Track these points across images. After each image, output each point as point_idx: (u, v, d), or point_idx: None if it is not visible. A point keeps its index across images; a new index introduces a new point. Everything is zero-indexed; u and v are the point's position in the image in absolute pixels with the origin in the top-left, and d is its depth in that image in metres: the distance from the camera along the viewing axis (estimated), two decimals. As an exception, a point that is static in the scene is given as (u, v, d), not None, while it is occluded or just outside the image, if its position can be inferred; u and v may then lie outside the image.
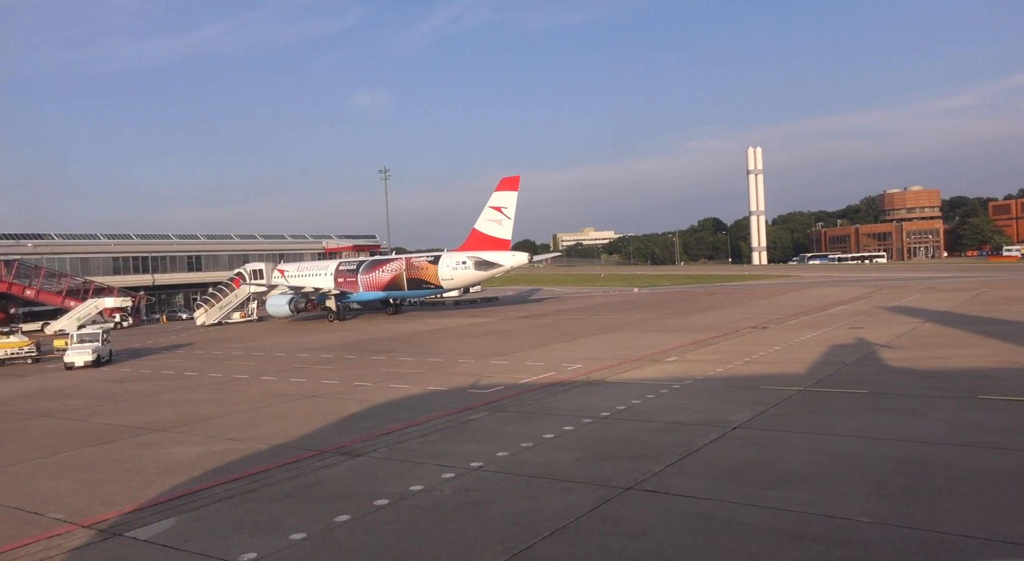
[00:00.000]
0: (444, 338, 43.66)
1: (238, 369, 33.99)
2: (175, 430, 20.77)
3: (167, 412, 23.85)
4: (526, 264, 62.29)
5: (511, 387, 24.45)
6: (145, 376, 33.73)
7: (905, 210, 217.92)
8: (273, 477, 15.14)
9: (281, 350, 41.69)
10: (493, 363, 30.91)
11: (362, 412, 21.85)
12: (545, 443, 16.39)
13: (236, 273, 74.10)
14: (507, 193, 58.11)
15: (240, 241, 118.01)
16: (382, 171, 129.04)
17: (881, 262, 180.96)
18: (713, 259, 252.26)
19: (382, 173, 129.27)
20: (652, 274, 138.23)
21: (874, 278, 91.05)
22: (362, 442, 17.77)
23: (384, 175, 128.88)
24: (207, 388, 28.82)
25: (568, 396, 22.25)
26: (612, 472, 13.76)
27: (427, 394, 24.35)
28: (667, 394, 21.40)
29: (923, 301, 50.59)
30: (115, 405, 25.96)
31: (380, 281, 63.90)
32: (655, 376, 25.08)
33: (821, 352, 28.38)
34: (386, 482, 14.18)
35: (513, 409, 20.70)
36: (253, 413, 22.80)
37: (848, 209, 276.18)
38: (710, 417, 17.91)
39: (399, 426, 19.29)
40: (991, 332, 31.65)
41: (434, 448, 16.71)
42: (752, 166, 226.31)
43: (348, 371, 31.14)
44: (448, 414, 20.49)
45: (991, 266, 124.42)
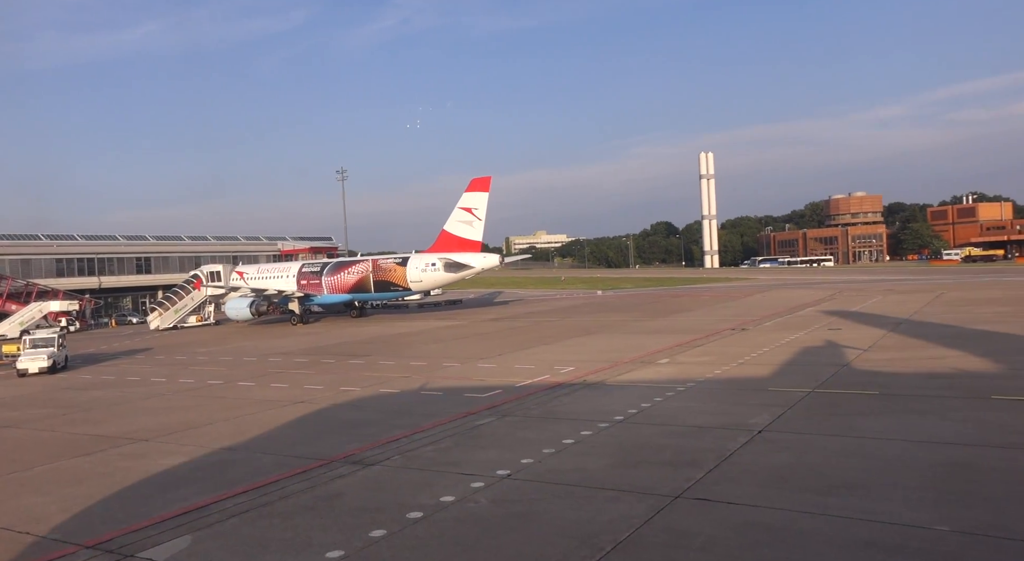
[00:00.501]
0: (420, 341, 42.68)
1: (209, 375, 32.47)
2: (159, 440, 19.48)
3: (146, 420, 22.45)
4: (498, 266, 61.63)
5: (509, 390, 23.76)
6: (109, 383, 31.95)
7: (850, 215, 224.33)
8: (285, 488, 14.17)
9: (250, 355, 40.13)
10: (481, 366, 30.16)
11: (359, 418, 20.88)
12: (568, 449, 15.75)
13: (192, 275, 71.61)
14: (478, 194, 57.33)
15: (191, 242, 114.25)
16: (339, 172, 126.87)
17: (828, 265, 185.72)
18: (666, 262, 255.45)
19: (339, 174, 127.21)
20: (612, 277, 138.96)
21: (830, 281, 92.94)
22: (370, 450, 16.87)
23: (341, 176, 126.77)
24: (182, 395, 27.36)
25: (572, 399, 21.68)
26: (652, 479, 13.21)
27: (422, 398, 23.49)
28: (674, 397, 21.00)
29: (889, 303, 51.57)
30: (85, 414, 24.38)
31: (346, 283, 62.38)
32: (653, 378, 24.68)
33: (812, 353, 28.44)
34: (413, 493, 13.36)
35: (520, 413, 20.01)
36: (240, 421, 21.59)
37: (793, 214, 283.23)
38: (729, 420, 17.53)
39: (404, 432, 18.42)
40: (971, 334, 32.24)
41: (451, 455, 15.93)
42: (704, 171, 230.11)
43: (330, 375, 30.00)
44: (453, 419, 19.69)
45: (934, 269, 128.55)
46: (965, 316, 39.94)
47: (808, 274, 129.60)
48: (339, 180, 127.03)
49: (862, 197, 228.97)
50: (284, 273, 66.85)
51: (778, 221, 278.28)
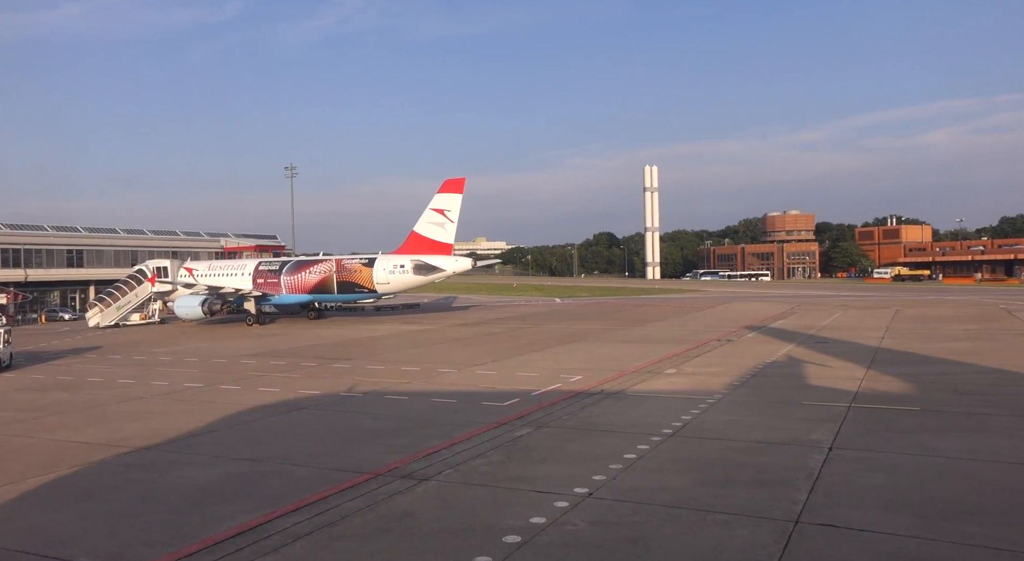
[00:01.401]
0: (398, 345, 41.02)
1: (183, 377, 30.21)
2: (162, 448, 17.60)
3: (135, 426, 20.39)
4: (470, 270, 60.32)
5: (527, 399, 22.64)
6: (70, 384, 29.33)
7: (784, 232, 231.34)
8: (342, 506, 12.70)
9: (218, 356, 37.73)
10: (481, 373, 28.90)
11: (380, 427, 19.39)
12: (636, 465, 14.73)
13: (137, 270, 67.74)
14: (451, 195, 55.94)
15: (127, 236, 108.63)
16: (288, 168, 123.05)
17: (765, 280, 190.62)
18: (608, 272, 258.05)
19: (288, 170, 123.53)
20: (563, 285, 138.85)
21: (779, 295, 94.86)
22: (413, 462, 15.50)
23: (290, 172, 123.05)
24: (162, 399, 25.18)
25: (602, 410, 20.70)
26: (752, 500, 12.31)
27: (436, 406, 22.10)
28: (710, 409, 20.24)
29: (855, 317, 52.49)
30: (60, 418, 22.06)
31: (307, 283, 59.98)
32: (672, 389, 23.98)
33: (817, 366, 28.25)
34: (493, 513, 12.13)
35: (556, 424, 18.91)
36: (245, 428, 19.82)
37: (728, 229, 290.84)
38: (787, 435, 16.86)
39: (441, 443, 17.09)
40: (961, 350, 32.78)
41: (509, 470, 14.71)
42: (648, 184, 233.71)
43: (321, 380, 28.22)
44: (486, 429, 18.44)
45: (870, 286, 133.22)
46: (937, 332, 40.79)
47: (751, 288, 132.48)
48: (288, 177, 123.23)
49: (796, 215, 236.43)
50: (239, 271, 63.92)
51: (713, 235, 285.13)
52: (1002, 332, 40.78)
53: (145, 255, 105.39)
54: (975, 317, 51.10)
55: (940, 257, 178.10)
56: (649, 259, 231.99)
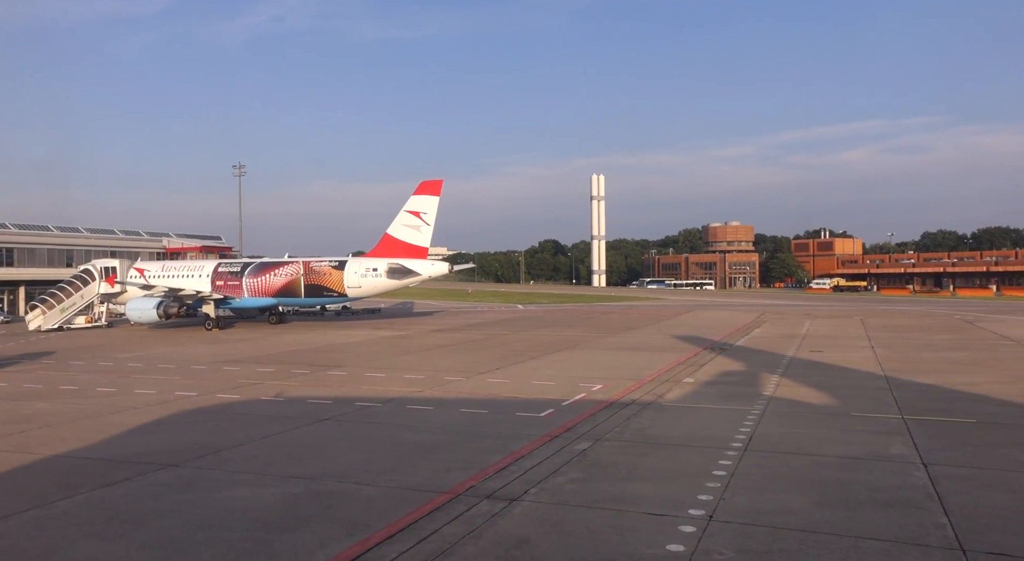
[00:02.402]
0: (385, 351, 39.31)
1: (169, 385, 27.99)
2: (191, 465, 15.84)
3: (143, 440, 18.47)
4: (447, 274, 58.78)
5: (561, 410, 21.60)
6: (42, 393, 26.80)
7: (726, 243, 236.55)
8: (441, 532, 11.42)
9: (195, 362, 35.35)
10: (491, 381, 27.67)
11: (425, 440, 18.01)
12: (734, 484, 13.76)
13: (83, 270, 63.82)
14: (427, 197, 54.36)
15: (60, 234, 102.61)
16: (236, 167, 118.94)
17: (710, 289, 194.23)
18: (554, 279, 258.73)
19: (236, 169, 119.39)
20: (519, 292, 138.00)
21: (736, 304, 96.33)
22: (487, 480, 14.26)
23: (239, 171, 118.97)
24: (157, 409, 23.10)
25: (650, 421, 19.80)
26: (889, 524, 11.49)
27: (472, 418, 20.80)
28: (763, 421, 19.53)
29: (829, 326, 53.18)
30: (52, 431, 19.87)
31: (272, 286, 57.40)
32: (704, 398, 23.31)
33: (836, 375, 28.06)
34: (618, 539, 11.05)
35: (613, 438, 17.90)
36: (272, 441, 18.14)
37: (667, 239, 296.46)
38: (867, 451, 16.23)
39: (503, 458, 15.89)
40: (957, 359, 33.25)
41: (599, 489, 13.64)
42: (595, 192, 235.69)
43: (323, 388, 26.49)
44: (541, 443, 17.31)
45: (813, 296, 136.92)
46: (919, 342, 41.49)
47: (703, 296, 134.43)
48: (236, 175, 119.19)
49: (736, 227, 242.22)
50: (196, 272, 60.82)
51: (654, 245, 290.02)
52: (979, 342, 41.76)
53: (82, 254, 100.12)
54: (943, 328, 52.46)
55: (875, 269, 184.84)
56: (595, 267, 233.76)
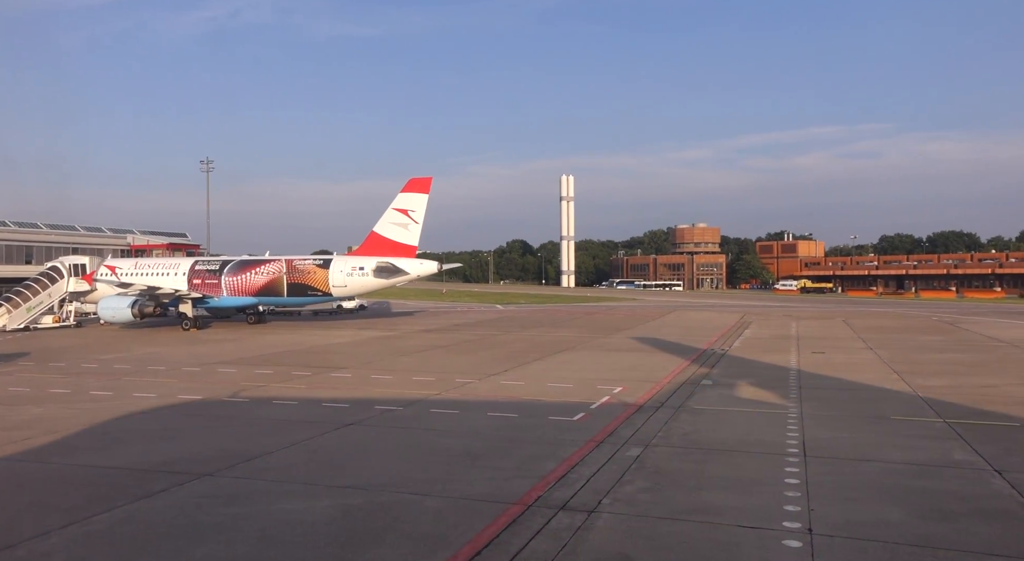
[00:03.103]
0: (380, 352, 38.19)
1: (167, 388, 26.65)
2: (227, 474, 14.80)
3: (164, 447, 17.31)
4: (435, 273, 57.76)
5: (594, 414, 20.94)
6: (32, 397, 25.25)
7: (692, 244, 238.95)
8: (532, 548, 10.66)
9: (185, 364, 33.88)
10: (505, 384, 26.91)
11: (465, 446, 17.18)
12: (815, 493, 13.06)
13: (50, 267, 61.27)
14: (416, 195, 53.28)
15: (18, 229, 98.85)
16: (204, 162, 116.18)
17: (678, 290, 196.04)
18: (522, 279, 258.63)
19: (204, 164, 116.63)
20: (494, 292, 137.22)
21: (714, 304, 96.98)
22: (552, 489, 13.54)
23: (206, 166, 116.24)
24: (166, 412, 21.88)
25: (691, 426, 19.23)
26: (1004, 538, 11.02)
27: (505, 423, 20.01)
28: (805, 425, 19.10)
29: (815, 327, 53.45)
30: (58, 438, 18.56)
31: (253, 285, 55.73)
32: (734, 401, 22.91)
33: (852, 378, 27.92)
34: (726, 555, 10.43)
35: (661, 444, 17.27)
36: (305, 448, 17.14)
37: (632, 240, 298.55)
38: (931, 456, 15.82)
39: (559, 466, 15.17)
40: (960, 361, 33.48)
41: (674, 500, 12.98)
42: (565, 193, 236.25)
43: (332, 390, 25.43)
44: (589, 449, 16.64)
45: (784, 297, 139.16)
46: (909, 343, 41.82)
47: (677, 297, 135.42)
48: (203, 171, 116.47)
49: (703, 228, 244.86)
50: (172, 270, 58.83)
51: (619, 246, 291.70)
52: (971, 344, 42.27)
53: (42, 251, 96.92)
54: (928, 329, 53.16)
55: (840, 271, 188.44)
56: (564, 267, 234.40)
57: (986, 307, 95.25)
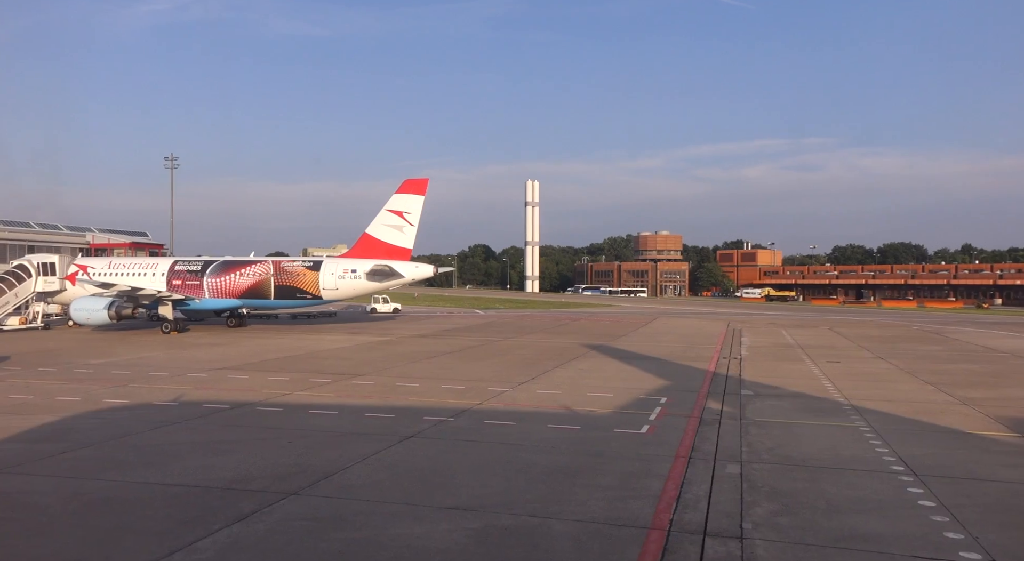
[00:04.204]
0: (387, 359, 36.72)
1: (187, 396, 25.03)
2: (312, 494, 13.56)
3: (222, 462, 15.90)
4: (430, 276, 56.33)
5: (659, 427, 20.22)
6: (40, 405, 23.39)
7: (656, 251, 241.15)
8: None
9: (189, 370, 32.05)
10: (541, 393, 25.92)
11: (550, 462, 16.18)
12: (967, 518, 12.31)
13: (17, 266, 58.09)
14: (411, 196, 51.92)
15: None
16: (168, 159, 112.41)
17: (643, 296, 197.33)
18: (485, 284, 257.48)
19: (168, 161, 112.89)
20: (463, 296, 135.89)
21: (691, 311, 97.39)
22: (675, 513, 12.69)
23: (171, 163, 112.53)
24: (201, 423, 20.37)
25: (770, 440, 18.55)
26: None
27: (569, 435, 19.04)
28: (889, 440, 18.52)
29: (806, 335, 53.62)
30: (96, 451, 16.99)
31: (237, 287, 53.60)
32: (791, 412, 22.39)
33: (890, 388, 27.73)
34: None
35: (753, 459, 16.48)
36: (380, 464, 15.91)
37: (592, 246, 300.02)
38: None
39: (667, 486, 14.34)
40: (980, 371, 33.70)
41: (818, 525, 12.08)
42: (530, 198, 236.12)
43: (365, 400, 24.13)
44: (682, 466, 15.86)
45: (749, 305, 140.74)
46: (914, 353, 42.15)
47: (646, 303, 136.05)
48: (168, 168, 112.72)
49: (666, 236, 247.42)
50: (149, 270, 56.32)
51: (579, 252, 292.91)
52: (972, 354, 42.78)
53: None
54: (919, 338, 53.85)
55: (801, 280, 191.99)
56: (529, 272, 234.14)
57: (952, 317, 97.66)
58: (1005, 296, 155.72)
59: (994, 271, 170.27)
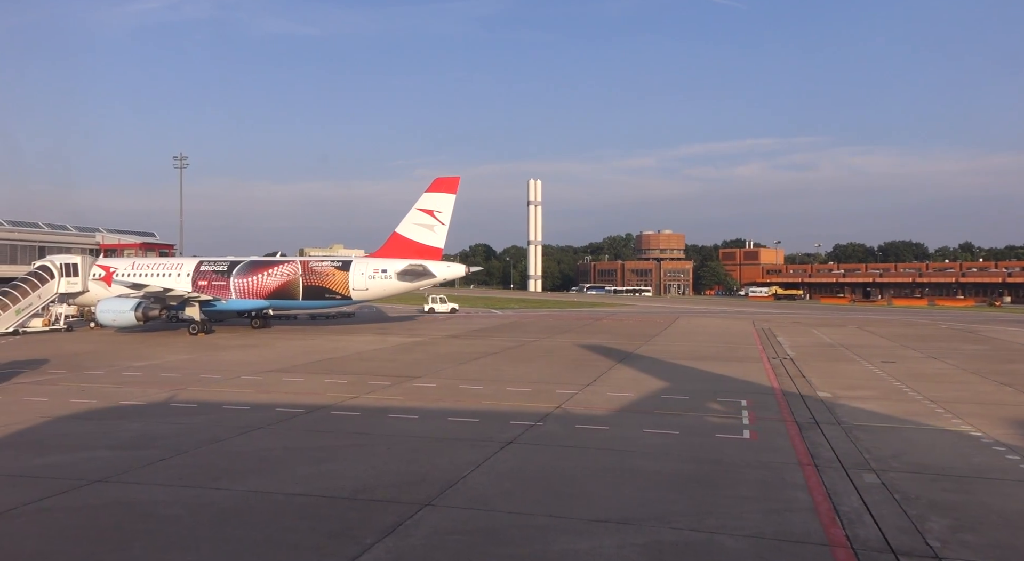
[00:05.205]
0: (433, 360, 35.82)
1: (254, 400, 24.23)
2: (444, 503, 12.81)
3: (341, 470, 15.14)
4: (462, 276, 55.56)
5: (762, 432, 19.58)
6: (110, 412, 22.63)
7: (659, 250, 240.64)
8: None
9: (242, 373, 31.29)
10: (612, 395, 25.16)
11: (677, 471, 15.45)
12: None
13: (39, 267, 57.10)
14: (442, 195, 51.13)
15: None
16: (177, 158, 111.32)
17: (647, 295, 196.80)
18: (487, 284, 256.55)
19: (177, 160, 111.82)
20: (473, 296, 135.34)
21: (709, 310, 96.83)
22: (845, 527, 11.97)
23: (180, 163, 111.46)
24: (282, 429, 19.60)
25: (889, 447, 17.83)
26: None
27: (674, 440, 18.34)
28: (995, 450, 17.94)
29: (841, 335, 52.95)
30: (191, 459, 16.20)
31: (265, 287, 52.71)
32: (884, 415, 21.73)
33: (975, 392, 27.10)
34: None
35: (886, 468, 15.59)
36: (494, 471, 15.15)
37: (591, 245, 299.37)
38: None
39: (816, 497, 13.65)
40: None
41: (1016, 544, 11.46)
42: (533, 197, 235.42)
43: (440, 402, 23.38)
44: (813, 474, 15.17)
45: (760, 303, 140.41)
46: (963, 352, 41.54)
47: (654, 302, 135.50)
48: (177, 167, 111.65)
49: (669, 235, 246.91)
50: (174, 271, 55.40)
51: (579, 252, 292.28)
52: (1018, 354, 42.24)
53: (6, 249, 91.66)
54: (957, 337, 53.33)
55: (808, 279, 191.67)
56: (532, 272, 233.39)
57: (970, 315, 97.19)
58: (1013, 294, 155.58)
59: (999, 268, 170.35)
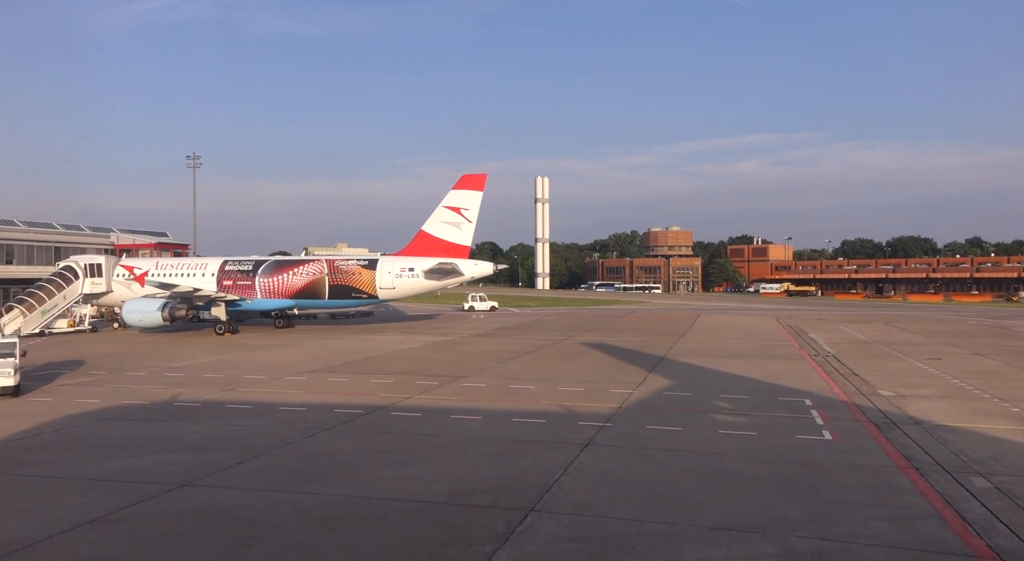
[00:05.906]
0: (470, 359, 35.30)
1: (309, 401, 23.82)
2: (549, 509, 12.38)
3: (423, 474, 14.70)
4: (490, 275, 55.06)
5: (843, 432, 19.16)
6: (171, 412, 22.25)
7: (667, 247, 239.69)
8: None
9: (285, 373, 30.88)
10: (668, 395, 24.79)
11: (772, 474, 15.06)
12: None
13: (64, 267, 56.77)
14: (469, 192, 50.59)
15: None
16: (190, 157, 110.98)
17: (657, 292, 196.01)
18: (494, 282, 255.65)
19: (190, 160, 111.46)
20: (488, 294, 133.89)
21: (727, 307, 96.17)
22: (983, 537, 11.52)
23: (193, 162, 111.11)
24: (349, 428, 19.19)
25: (983, 450, 17.32)
26: None
27: (747, 442, 17.90)
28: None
29: (875, 332, 52.30)
30: (275, 462, 15.77)
31: (290, 287, 52.29)
32: (953, 416, 21.23)
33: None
34: None
35: (995, 473, 15.11)
36: (586, 475, 14.76)
37: (596, 242, 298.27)
38: None
39: (936, 503, 13.24)
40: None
41: None
42: (540, 195, 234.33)
43: (497, 403, 22.93)
44: (916, 476, 14.73)
45: (773, 300, 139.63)
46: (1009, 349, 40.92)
47: (667, 299, 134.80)
48: (190, 167, 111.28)
49: (677, 231, 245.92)
50: (198, 270, 54.99)
51: (584, 249, 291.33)
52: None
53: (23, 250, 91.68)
54: (990, 332, 52.78)
55: (819, 275, 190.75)
56: (540, 269, 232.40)
57: (992, 311, 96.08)
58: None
59: (1011, 263, 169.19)
